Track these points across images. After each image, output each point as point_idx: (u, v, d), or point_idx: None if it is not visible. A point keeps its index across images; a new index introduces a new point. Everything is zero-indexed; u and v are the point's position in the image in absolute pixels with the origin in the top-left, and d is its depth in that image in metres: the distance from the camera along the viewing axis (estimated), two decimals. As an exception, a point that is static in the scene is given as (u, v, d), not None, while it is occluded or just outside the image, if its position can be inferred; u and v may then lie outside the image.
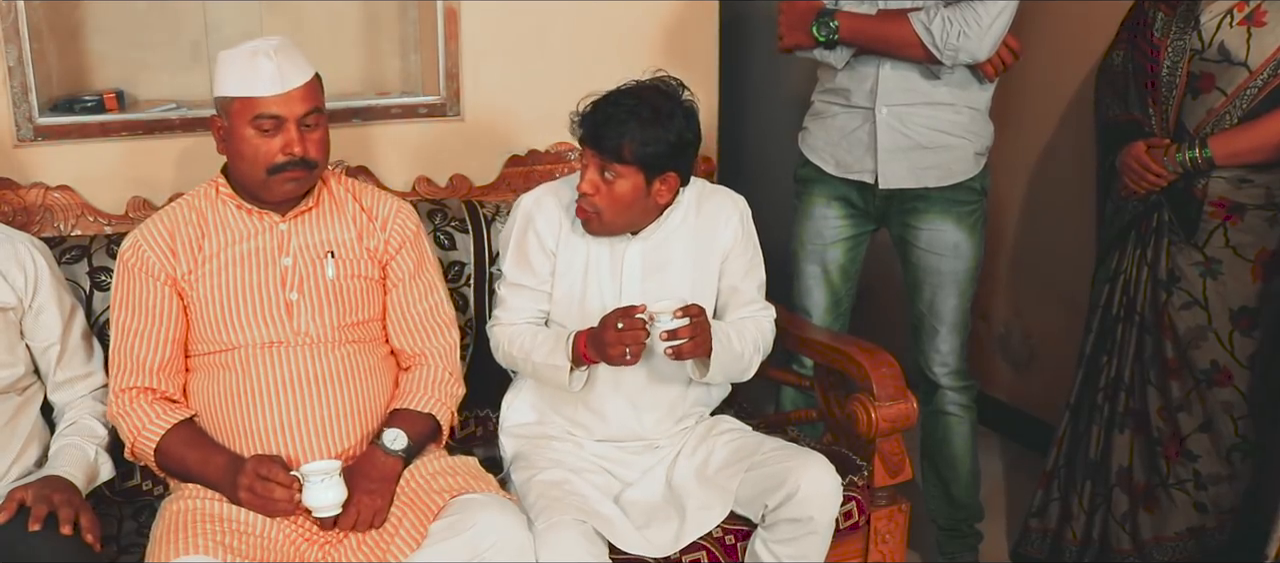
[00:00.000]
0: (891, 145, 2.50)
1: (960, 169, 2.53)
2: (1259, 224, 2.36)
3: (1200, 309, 2.43)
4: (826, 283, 2.68)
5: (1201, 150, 2.34)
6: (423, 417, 2.10)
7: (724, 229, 2.24)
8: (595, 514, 2.03)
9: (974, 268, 2.62)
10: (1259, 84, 2.29)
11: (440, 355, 2.17)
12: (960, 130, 2.51)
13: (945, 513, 2.82)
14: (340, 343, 2.07)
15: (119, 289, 2.06)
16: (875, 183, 2.53)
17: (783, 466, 2.08)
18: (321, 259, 2.09)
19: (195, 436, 2.02)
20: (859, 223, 2.64)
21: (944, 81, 2.46)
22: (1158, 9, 2.42)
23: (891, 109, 2.48)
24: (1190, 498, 2.52)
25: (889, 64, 2.46)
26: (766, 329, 2.28)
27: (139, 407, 2.01)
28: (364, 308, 2.13)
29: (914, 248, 2.60)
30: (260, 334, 2.03)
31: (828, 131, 2.59)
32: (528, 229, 2.20)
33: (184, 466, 1.99)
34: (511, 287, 2.22)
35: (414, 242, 2.19)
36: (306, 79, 2.01)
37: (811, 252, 2.67)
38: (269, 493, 1.88)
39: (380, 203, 2.20)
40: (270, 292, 2.05)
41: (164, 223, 2.08)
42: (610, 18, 2.75)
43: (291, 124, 1.99)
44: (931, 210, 2.55)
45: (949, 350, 2.66)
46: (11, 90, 2.30)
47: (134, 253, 2.05)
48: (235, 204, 2.07)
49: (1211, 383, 2.44)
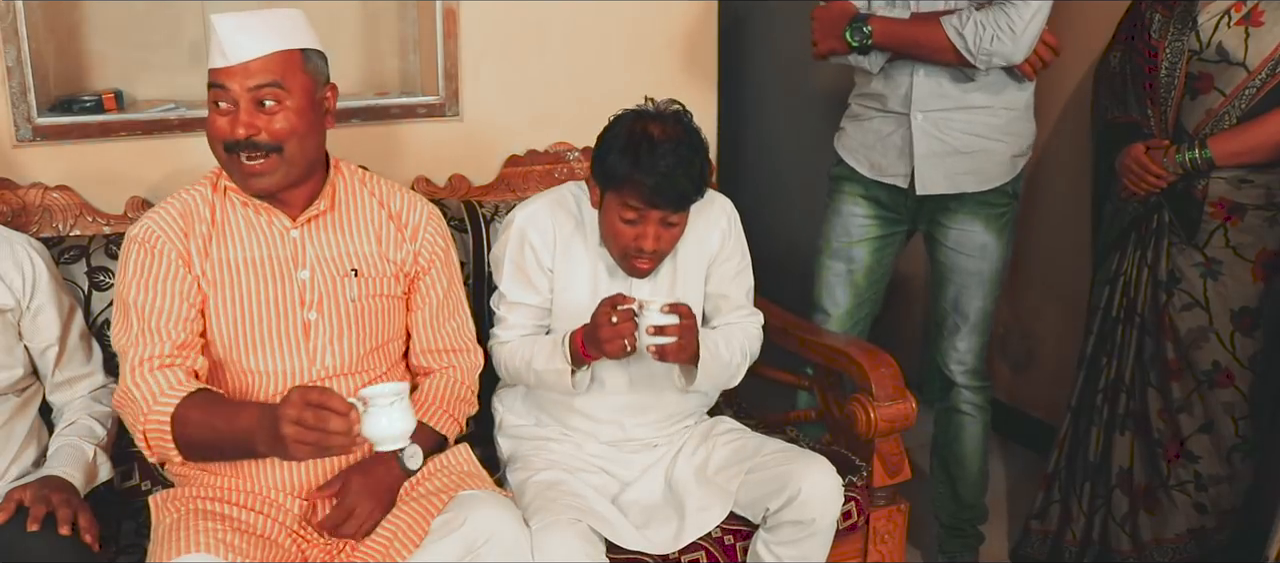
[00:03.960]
0: (927, 151, 2.49)
1: (996, 173, 2.52)
2: (1259, 224, 2.36)
3: (1201, 310, 2.43)
4: (851, 282, 2.67)
5: (1201, 151, 2.34)
6: (433, 433, 2.05)
7: (711, 231, 2.22)
8: (592, 513, 2.03)
9: (1001, 270, 2.62)
10: (1257, 84, 2.28)
11: (465, 371, 2.14)
12: (997, 133, 2.50)
13: (950, 511, 2.82)
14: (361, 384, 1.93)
15: (128, 269, 1.90)
16: (910, 187, 2.53)
17: (784, 468, 2.08)
18: (343, 276, 1.97)
19: (220, 398, 1.84)
20: (888, 225, 2.64)
21: (978, 85, 2.45)
22: (1155, 10, 2.42)
23: (926, 115, 2.47)
24: (1191, 499, 2.52)
25: (923, 70, 2.45)
26: (754, 336, 2.27)
27: (156, 376, 1.82)
28: (386, 329, 2.03)
29: (942, 246, 2.61)
30: (276, 361, 1.93)
31: (863, 134, 2.59)
32: (523, 246, 2.17)
33: (210, 426, 1.75)
34: (511, 305, 2.19)
35: (445, 259, 2.10)
36: (264, 51, 1.84)
37: (837, 249, 2.66)
38: (324, 423, 1.55)
39: (408, 206, 2.07)
40: (285, 308, 1.94)
41: (177, 212, 1.95)
42: (610, 18, 2.75)
43: (243, 98, 1.83)
44: (962, 211, 2.55)
45: (967, 349, 2.66)
46: (10, 90, 2.29)
47: (145, 232, 1.92)
48: (240, 200, 1.97)
49: (1213, 384, 2.44)
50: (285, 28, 1.89)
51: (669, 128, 2.02)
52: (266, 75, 1.85)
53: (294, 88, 1.88)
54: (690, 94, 2.85)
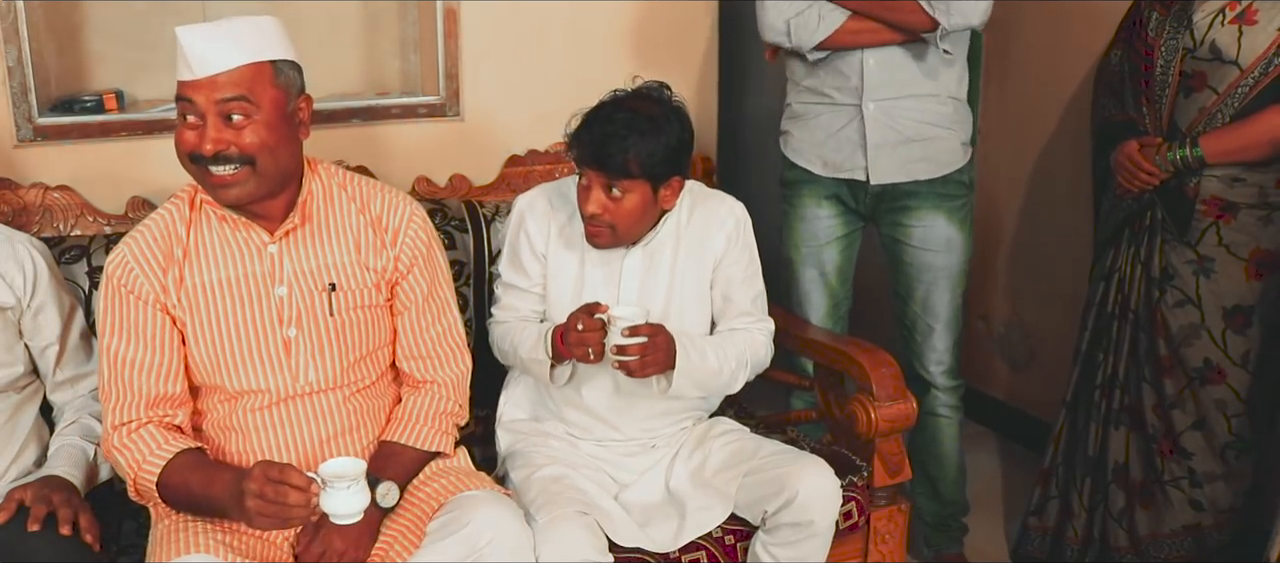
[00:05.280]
0: (880, 140, 2.49)
1: (948, 160, 2.54)
2: (1251, 223, 2.36)
3: (1193, 307, 2.43)
4: (825, 286, 2.67)
5: (1192, 149, 2.35)
6: (418, 453, 2.01)
7: (717, 235, 2.21)
8: (595, 508, 2.03)
9: (965, 263, 2.63)
10: (1250, 82, 2.29)
11: (451, 385, 2.07)
12: (946, 121, 2.52)
13: (932, 509, 2.84)
14: (346, 396, 1.96)
15: (107, 312, 1.88)
16: (866, 179, 2.53)
17: (781, 470, 2.07)
18: (320, 292, 1.93)
19: (200, 460, 1.86)
20: (851, 221, 2.64)
21: (925, 71, 2.46)
22: (1153, 8, 2.43)
23: (879, 104, 2.47)
24: (1186, 496, 2.52)
25: (872, 58, 2.45)
26: (759, 343, 2.22)
27: (138, 439, 1.85)
28: (369, 340, 1.98)
29: (907, 247, 2.60)
30: (257, 380, 1.90)
31: (811, 132, 2.58)
32: (520, 231, 2.20)
33: (187, 490, 1.81)
34: (506, 286, 2.23)
35: (427, 259, 2.03)
36: (232, 64, 1.78)
37: (808, 254, 2.66)
38: (283, 497, 1.64)
39: (389, 209, 2.00)
40: (265, 327, 1.90)
41: (152, 238, 1.90)
42: (610, 18, 2.75)
43: (210, 113, 1.78)
44: (923, 207, 2.55)
45: (944, 348, 2.66)
46: (11, 90, 2.29)
47: (122, 271, 1.88)
48: (216, 215, 1.91)
49: (1204, 381, 2.45)
50: (254, 40, 1.82)
51: (636, 101, 2.04)
52: (233, 89, 1.79)
53: (263, 101, 1.81)
54: (690, 93, 2.86)
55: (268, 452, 1.92)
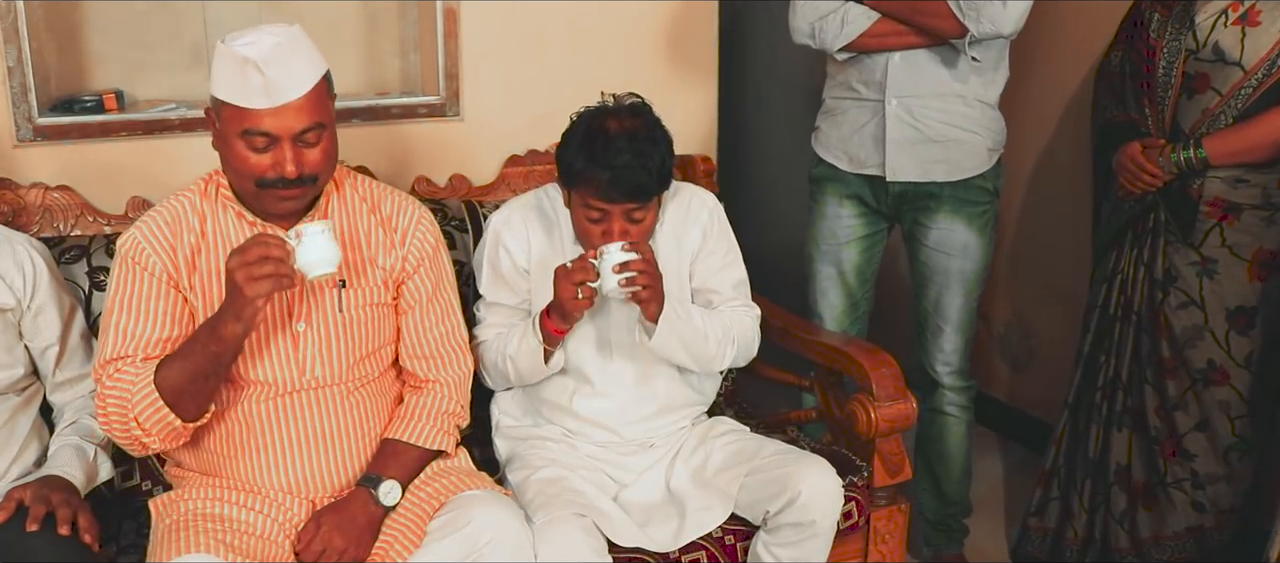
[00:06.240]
0: (899, 138, 2.49)
1: (970, 164, 2.52)
2: (1255, 224, 2.36)
3: (1196, 309, 2.43)
4: (842, 285, 2.67)
5: (1196, 150, 2.34)
6: (420, 451, 2.01)
7: (693, 229, 2.21)
8: (594, 509, 2.03)
9: (982, 269, 2.62)
10: (1253, 84, 2.29)
11: (453, 385, 2.08)
12: (971, 124, 2.50)
13: (935, 508, 2.84)
14: (350, 390, 1.97)
15: (117, 289, 1.88)
16: (884, 175, 2.53)
17: (783, 471, 2.07)
18: (331, 288, 1.94)
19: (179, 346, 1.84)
20: (873, 222, 2.64)
21: (954, 74, 2.45)
22: (1154, 9, 2.43)
23: (901, 101, 2.47)
24: (1188, 498, 2.52)
25: (899, 55, 2.45)
26: (746, 324, 2.22)
27: (123, 373, 1.82)
28: (375, 338, 2.00)
29: (923, 247, 2.60)
30: (265, 372, 1.91)
31: (839, 128, 2.59)
32: (498, 248, 2.18)
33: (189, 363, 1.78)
34: (490, 305, 2.20)
35: (433, 259, 2.05)
36: (305, 89, 1.80)
37: (826, 252, 2.66)
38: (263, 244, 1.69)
39: (400, 212, 2.04)
40: (274, 320, 1.91)
41: (165, 221, 1.91)
42: (610, 18, 2.75)
43: (285, 142, 1.80)
44: (943, 209, 2.54)
45: (952, 350, 2.66)
46: (11, 90, 2.29)
47: (134, 248, 1.88)
48: (235, 211, 1.93)
49: (1208, 382, 2.45)
50: (309, 55, 1.83)
51: (625, 121, 2.02)
52: (310, 118, 1.81)
53: (329, 119, 1.86)
54: (690, 93, 2.87)
55: (272, 443, 1.93)
